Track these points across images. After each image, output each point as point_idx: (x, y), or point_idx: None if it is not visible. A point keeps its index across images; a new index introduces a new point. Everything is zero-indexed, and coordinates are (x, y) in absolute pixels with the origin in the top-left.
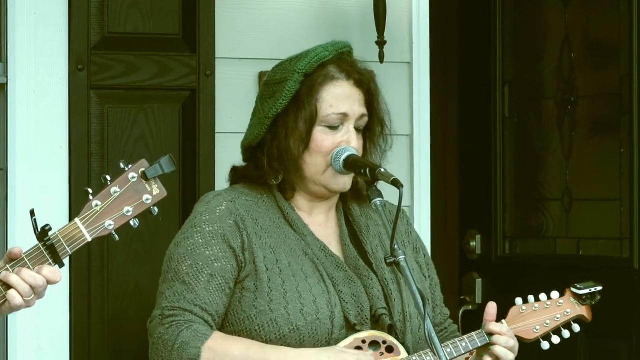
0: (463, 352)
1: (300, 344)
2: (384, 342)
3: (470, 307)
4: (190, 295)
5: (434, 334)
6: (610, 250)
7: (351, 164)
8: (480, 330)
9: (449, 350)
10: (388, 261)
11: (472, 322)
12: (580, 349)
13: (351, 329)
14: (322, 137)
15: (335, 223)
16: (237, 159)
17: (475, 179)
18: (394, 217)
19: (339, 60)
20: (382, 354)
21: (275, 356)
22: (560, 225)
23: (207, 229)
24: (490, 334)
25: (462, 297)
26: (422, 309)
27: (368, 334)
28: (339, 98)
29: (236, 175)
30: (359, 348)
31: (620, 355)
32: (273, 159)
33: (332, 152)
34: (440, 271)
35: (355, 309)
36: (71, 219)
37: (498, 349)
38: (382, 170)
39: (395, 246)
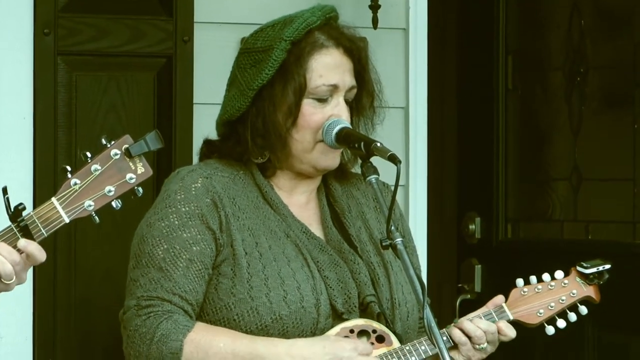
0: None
1: (283, 334)
2: (374, 331)
3: (469, 295)
4: (168, 283)
5: (433, 324)
6: (621, 235)
7: (344, 138)
8: (479, 315)
9: (445, 337)
10: (384, 244)
11: (470, 312)
12: (588, 341)
13: (338, 317)
14: (310, 111)
15: (316, 204)
16: (215, 132)
17: (476, 156)
18: (388, 196)
19: (326, 26)
20: (372, 344)
21: (265, 348)
22: (567, 207)
23: (183, 209)
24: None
25: (460, 285)
26: (421, 296)
27: (356, 323)
28: (329, 68)
29: (209, 150)
30: (346, 338)
31: (630, 348)
32: (257, 134)
33: (321, 127)
34: (436, 256)
35: (342, 296)
36: (35, 196)
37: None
38: (378, 144)
39: (392, 228)
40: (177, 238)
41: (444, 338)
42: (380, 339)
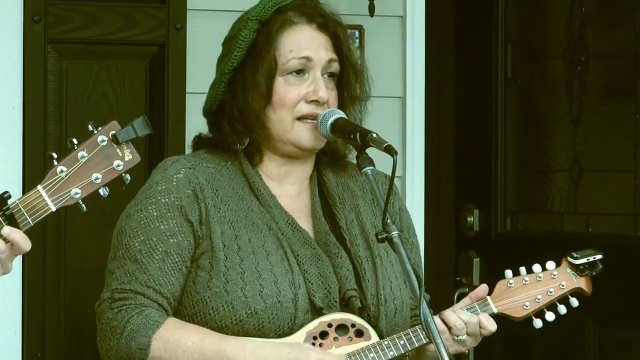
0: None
1: (259, 329)
2: (353, 326)
3: (467, 289)
4: (142, 275)
5: (430, 319)
6: (623, 228)
7: (339, 128)
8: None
9: (424, 333)
10: (380, 237)
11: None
12: (589, 337)
13: (317, 313)
14: (284, 89)
15: (308, 195)
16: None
17: (474, 147)
18: (384, 187)
19: (300, 6)
20: (350, 338)
21: (232, 348)
22: (567, 199)
23: (163, 200)
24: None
25: (458, 279)
26: (417, 290)
27: (334, 317)
28: (299, 43)
29: (199, 142)
30: (324, 333)
31: (632, 345)
32: (234, 120)
33: (297, 104)
34: (433, 249)
35: (321, 291)
36: (25, 186)
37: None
38: (374, 135)
39: (388, 220)
40: (154, 230)
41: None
42: (359, 333)
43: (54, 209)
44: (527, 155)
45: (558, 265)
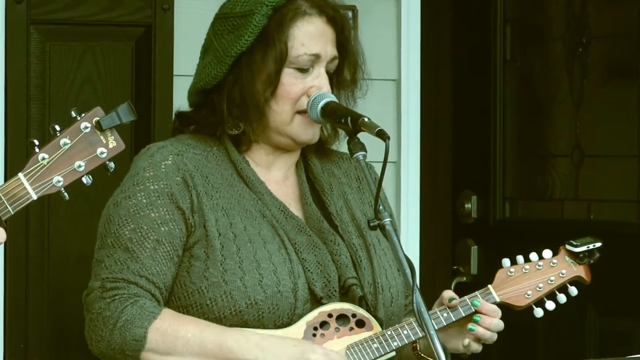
0: (445, 324)
1: (259, 320)
2: (354, 315)
3: (465, 278)
4: (134, 264)
5: (423, 309)
6: (625, 214)
7: (330, 112)
8: (464, 299)
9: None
10: (372, 224)
11: (466, 295)
12: (590, 328)
13: (317, 302)
14: (291, 81)
15: (295, 181)
16: None
17: (472, 131)
18: (374, 174)
19: None
20: (351, 329)
21: (234, 341)
22: (568, 185)
23: (152, 187)
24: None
25: (455, 267)
26: (410, 279)
27: (335, 307)
28: (312, 36)
29: (182, 122)
30: (324, 323)
31: (633, 336)
32: (234, 104)
33: (300, 98)
34: (430, 237)
35: (321, 280)
36: (6, 173)
37: (482, 333)
38: (366, 119)
39: (380, 207)
40: (144, 217)
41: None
42: (360, 323)
43: (35, 197)
44: (527, 139)
45: (556, 253)
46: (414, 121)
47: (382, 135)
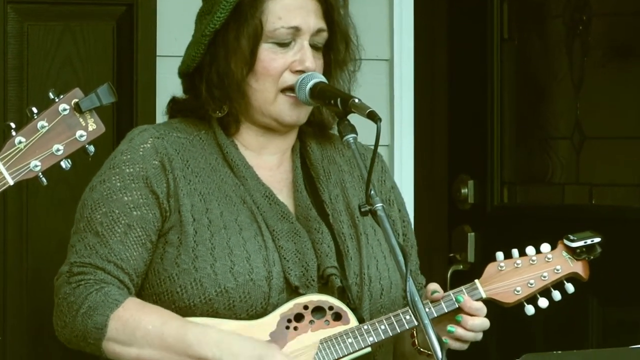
0: (436, 315)
1: (230, 309)
2: (331, 308)
3: (461, 266)
4: (103, 249)
5: (417, 298)
6: (628, 199)
7: (319, 93)
8: (448, 294)
9: (407, 317)
10: (363, 210)
11: (463, 284)
12: (593, 318)
13: (293, 292)
14: (269, 57)
15: (289, 167)
16: (180, 87)
17: (468, 112)
18: (368, 158)
19: None
20: (327, 322)
21: (194, 336)
22: (569, 169)
23: (127, 170)
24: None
25: (452, 255)
26: (404, 267)
27: (311, 299)
28: (289, 9)
29: (174, 108)
30: (299, 315)
31: (637, 325)
32: (213, 86)
33: (282, 74)
34: (425, 224)
35: (298, 269)
36: None
37: (462, 333)
38: (356, 101)
39: (372, 192)
40: (116, 201)
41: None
42: (337, 316)
43: (11, 182)
44: (525, 121)
45: (553, 248)
46: (408, 102)
47: (373, 117)
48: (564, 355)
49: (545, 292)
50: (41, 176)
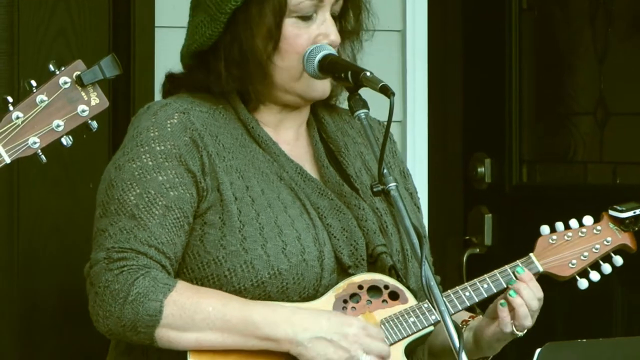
0: (485, 296)
1: (282, 291)
2: (386, 287)
3: (478, 250)
4: (142, 233)
5: (433, 282)
6: None
7: (328, 66)
8: (504, 269)
9: (467, 293)
10: (375, 189)
11: (479, 269)
12: (617, 303)
13: (344, 272)
14: (294, 32)
15: (306, 141)
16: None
17: (484, 87)
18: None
19: None
20: (384, 301)
21: (260, 315)
22: (592, 146)
23: (158, 148)
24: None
25: (467, 238)
26: (419, 250)
27: (365, 278)
28: None
29: (174, 85)
30: (355, 295)
31: None
32: (233, 64)
33: (306, 49)
34: (439, 205)
35: (348, 247)
36: None
37: (519, 306)
38: (368, 74)
39: (385, 171)
40: (151, 181)
41: (497, 281)
42: (394, 295)
43: (8, 160)
44: (545, 96)
45: (598, 220)
46: (421, 76)
47: (386, 91)
48: (590, 343)
49: (595, 266)
50: (40, 153)
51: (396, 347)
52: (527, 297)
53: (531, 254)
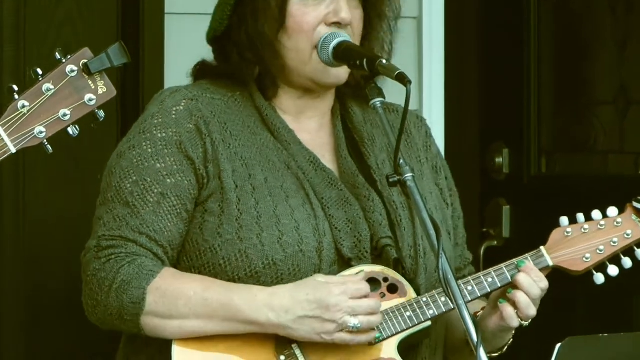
0: (489, 290)
1: (277, 282)
2: (385, 280)
3: (495, 242)
4: (134, 220)
5: (450, 275)
6: None
7: (343, 54)
8: (511, 262)
9: (470, 288)
10: (391, 180)
11: (497, 262)
12: (638, 299)
13: (345, 264)
14: (301, 10)
15: (330, 131)
16: (191, 48)
17: (502, 75)
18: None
19: None
20: (382, 295)
21: (241, 299)
22: (613, 136)
23: (159, 135)
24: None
25: (485, 230)
26: (435, 241)
27: (364, 270)
28: None
29: (201, 72)
30: None
31: None
32: (244, 48)
33: (317, 29)
34: None
35: (350, 239)
36: None
37: (519, 296)
38: (384, 61)
39: (401, 161)
40: (148, 169)
41: (503, 274)
42: (393, 288)
43: (14, 150)
44: (565, 85)
45: (622, 211)
46: (437, 64)
47: (402, 79)
48: (610, 338)
49: (615, 259)
50: (46, 143)
51: (389, 343)
52: (527, 285)
53: (542, 247)
